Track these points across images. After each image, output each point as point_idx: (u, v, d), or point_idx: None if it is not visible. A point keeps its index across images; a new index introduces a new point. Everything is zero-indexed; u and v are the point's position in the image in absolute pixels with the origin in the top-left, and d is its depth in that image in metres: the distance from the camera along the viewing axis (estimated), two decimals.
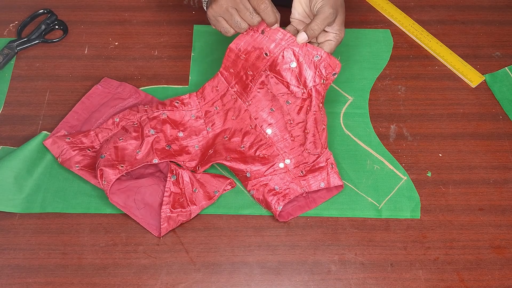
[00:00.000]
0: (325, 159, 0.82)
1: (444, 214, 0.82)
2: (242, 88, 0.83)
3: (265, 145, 0.84)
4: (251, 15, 0.73)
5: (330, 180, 0.81)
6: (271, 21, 0.74)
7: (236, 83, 0.84)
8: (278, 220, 0.81)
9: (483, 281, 0.77)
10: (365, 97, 0.92)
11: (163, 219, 0.79)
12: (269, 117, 0.83)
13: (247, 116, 0.84)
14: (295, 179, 0.82)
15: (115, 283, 0.77)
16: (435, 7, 1.03)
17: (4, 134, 0.88)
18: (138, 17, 1.02)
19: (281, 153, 0.83)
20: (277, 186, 0.81)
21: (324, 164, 0.82)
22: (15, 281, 0.77)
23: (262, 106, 0.83)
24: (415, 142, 0.88)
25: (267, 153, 0.83)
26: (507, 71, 0.95)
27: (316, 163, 0.82)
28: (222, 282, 0.77)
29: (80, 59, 0.97)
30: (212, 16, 0.75)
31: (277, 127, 0.83)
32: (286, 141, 0.83)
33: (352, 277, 0.77)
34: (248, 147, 0.84)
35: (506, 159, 0.87)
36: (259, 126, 0.84)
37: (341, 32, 0.77)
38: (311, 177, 0.82)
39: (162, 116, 0.86)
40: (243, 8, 0.73)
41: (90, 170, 0.83)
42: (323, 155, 0.82)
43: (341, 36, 0.77)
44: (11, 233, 0.80)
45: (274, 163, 0.83)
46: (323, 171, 0.81)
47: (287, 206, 0.82)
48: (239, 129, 0.85)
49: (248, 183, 0.82)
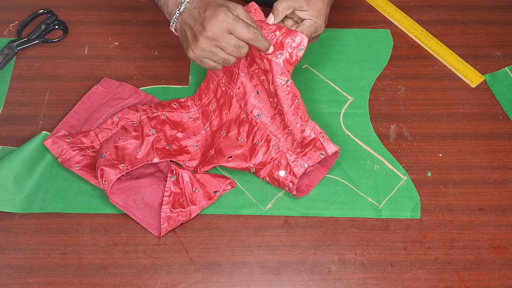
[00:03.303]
0: (312, 130, 0.80)
1: (444, 214, 0.82)
2: (229, 77, 0.83)
3: (259, 131, 0.83)
4: (238, 49, 0.71)
5: (326, 149, 0.80)
6: (266, 47, 0.73)
7: (224, 74, 0.84)
8: (298, 196, 0.81)
9: (483, 281, 0.77)
10: (365, 97, 0.92)
11: (163, 219, 0.79)
12: (256, 101, 0.83)
13: (238, 106, 0.84)
14: (297, 158, 0.81)
15: (115, 283, 0.77)
16: (435, 7, 1.03)
17: (4, 134, 0.88)
18: (138, 17, 1.02)
19: (276, 135, 0.83)
20: (282, 171, 0.81)
21: (314, 135, 0.80)
22: (15, 281, 0.77)
23: (249, 91, 0.82)
24: (415, 142, 0.88)
25: (263, 139, 0.83)
26: (507, 71, 0.95)
27: (304, 138, 0.80)
28: (222, 282, 0.77)
29: (80, 59, 0.97)
30: (195, 58, 0.73)
31: (266, 109, 0.82)
32: (277, 122, 0.82)
33: (352, 277, 0.77)
34: (246, 137, 0.84)
35: (506, 159, 0.87)
36: (249, 112, 0.83)
37: (318, 19, 0.75)
38: (308, 150, 0.81)
39: (162, 117, 0.87)
40: (226, 45, 0.71)
41: (90, 170, 0.83)
42: (307, 127, 0.80)
43: (317, 23, 0.76)
44: (11, 233, 0.80)
45: (271, 148, 0.83)
46: (317, 142, 0.80)
47: (303, 180, 0.82)
48: (234, 121, 0.85)
49: (260, 173, 0.83)
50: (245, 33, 0.70)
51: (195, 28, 0.71)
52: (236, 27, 0.69)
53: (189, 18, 0.72)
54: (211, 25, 0.69)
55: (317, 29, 0.77)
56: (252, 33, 0.70)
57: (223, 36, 0.70)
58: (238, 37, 0.70)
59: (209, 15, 0.69)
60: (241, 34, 0.70)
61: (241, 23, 0.70)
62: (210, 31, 0.69)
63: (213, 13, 0.69)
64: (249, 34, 0.70)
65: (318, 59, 0.96)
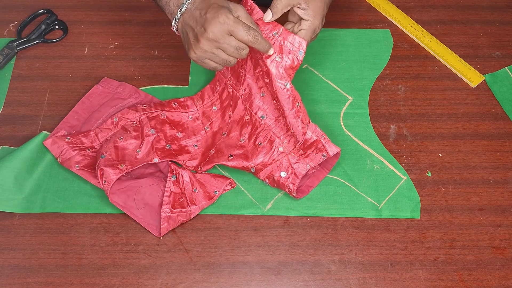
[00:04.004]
0: (313, 133, 0.80)
1: (444, 214, 0.82)
2: (236, 78, 0.84)
3: (262, 132, 0.83)
4: (238, 51, 0.72)
5: (328, 150, 0.80)
6: (266, 49, 0.73)
7: (231, 75, 0.84)
8: (298, 197, 0.81)
9: (483, 281, 0.77)
10: (365, 97, 0.92)
11: (163, 219, 0.79)
12: (261, 103, 0.83)
13: (242, 107, 0.84)
14: (299, 160, 0.81)
15: (115, 283, 0.77)
16: (435, 7, 1.03)
17: (4, 134, 0.88)
18: (138, 17, 1.02)
19: (279, 136, 0.83)
20: (284, 172, 0.81)
21: (315, 137, 0.80)
22: (15, 281, 0.77)
23: (254, 93, 0.83)
24: (415, 142, 0.88)
25: (266, 140, 0.83)
26: (507, 71, 0.95)
27: (306, 140, 0.81)
28: (222, 282, 0.77)
29: (80, 59, 0.97)
30: (196, 59, 0.74)
31: (270, 111, 0.83)
32: (281, 124, 0.83)
33: (352, 277, 0.77)
34: (247, 138, 0.84)
35: (506, 159, 0.87)
36: (253, 114, 0.84)
37: (315, 19, 0.75)
38: (310, 152, 0.81)
39: (162, 117, 0.87)
40: (227, 47, 0.71)
41: (90, 170, 0.83)
42: (308, 129, 0.80)
43: (315, 24, 0.76)
44: (11, 233, 0.80)
45: (274, 149, 0.83)
46: (318, 144, 0.80)
47: (304, 180, 0.83)
48: (237, 122, 0.85)
49: (260, 175, 0.83)
50: (245, 35, 0.70)
51: (196, 29, 0.72)
52: (236, 29, 0.70)
53: (191, 19, 0.72)
54: (212, 27, 0.70)
55: (315, 30, 0.77)
56: (252, 35, 0.71)
57: (223, 38, 0.70)
58: (239, 39, 0.71)
59: (210, 17, 0.70)
60: (241, 36, 0.70)
61: (241, 26, 0.70)
62: (211, 32, 0.70)
63: (214, 15, 0.70)
64: (249, 36, 0.70)
65: (318, 59, 0.96)
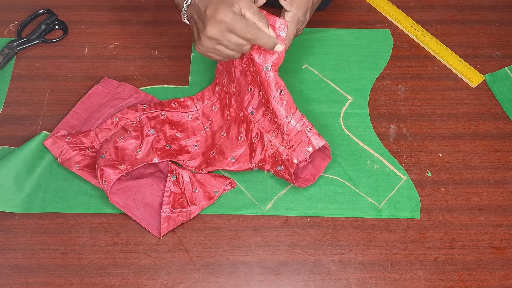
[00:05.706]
0: (297, 122, 0.78)
1: (444, 214, 0.82)
2: (229, 76, 0.84)
3: (254, 128, 0.83)
4: (239, 46, 0.72)
5: (313, 143, 0.78)
6: (270, 46, 0.72)
7: (226, 73, 0.84)
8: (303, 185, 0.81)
9: (483, 281, 0.77)
10: (365, 97, 0.92)
11: (163, 219, 0.79)
12: (249, 98, 0.82)
13: (235, 104, 0.84)
14: (288, 154, 0.79)
15: (115, 283, 0.77)
16: (435, 7, 1.03)
17: (4, 134, 0.88)
18: (138, 17, 1.02)
19: (268, 131, 0.81)
20: (280, 166, 0.81)
21: (300, 128, 0.78)
22: (15, 281, 0.77)
23: (243, 89, 0.82)
24: (415, 142, 0.88)
25: (258, 136, 0.82)
26: (507, 71, 0.95)
27: (289, 130, 0.78)
28: (222, 282, 0.77)
29: (80, 59, 0.97)
30: (201, 52, 0.75)
31: (258, 106, 0.82)
32: (268, 118, 0.81)
33: (352, 277, 0.77)
34: (245, 136, 0.84)
35: (506, 159, 0.87)
36: (244, 110, 0.83)
37: (298, 10, 0.75)
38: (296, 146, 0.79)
39: (161, 117, 0.87)
40: (228, 44, 0.71)
41: (90, 170, 0.83)
42: (292, 118, 0.78)
43: (298, 15, 0.75)
44: (11, 233, 0.80)
45: (266, 144, 0.82)
46: (303, 136, 0.78)
47: (308, 168, 0.83)
48: (234, 120, 0.85)
49: (264, 167, 0.83)
50: (243, 34, 0.70)
51: (198, 25, 0.72)
52: (235, 27, 0.69)
53: (194, 12, 0.73)
54: (211, 26, 0.70)
55: (298, 21, 0.76)
56: (250, 33, 0.70)
57: (223, 36, 0.70)
58: (238, 37, 0.71)
59: (209, 14, 0.70)
60: (240, 35, 0.70)
61: (239, 24, 0.69)
62: (210, 31, 0.70)
63: (212, 12, 0.69)
64: (247, 34, 0.70)
65: (318, 59, 0.96)
